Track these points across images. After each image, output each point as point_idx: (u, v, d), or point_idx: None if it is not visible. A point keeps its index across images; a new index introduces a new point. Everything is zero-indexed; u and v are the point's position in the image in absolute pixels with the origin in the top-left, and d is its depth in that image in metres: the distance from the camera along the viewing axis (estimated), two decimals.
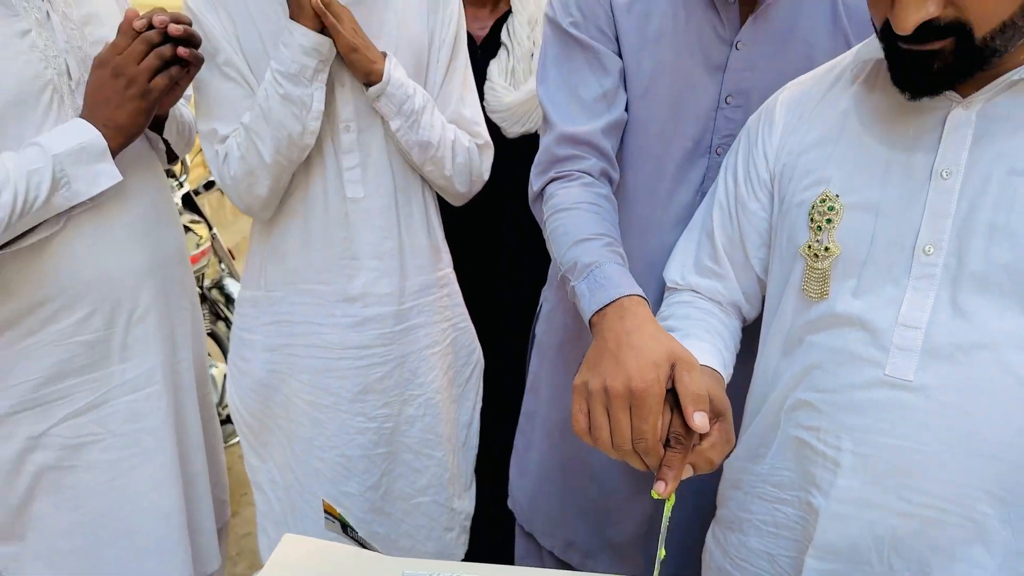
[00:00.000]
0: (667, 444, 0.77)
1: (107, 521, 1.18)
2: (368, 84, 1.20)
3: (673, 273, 1.04)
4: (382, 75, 1.19)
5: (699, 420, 0.76)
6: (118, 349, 1.16)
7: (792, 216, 0.88)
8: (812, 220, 0.85)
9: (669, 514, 0.78)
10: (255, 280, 1.34)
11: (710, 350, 0.91)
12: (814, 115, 0.88)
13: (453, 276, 1.44)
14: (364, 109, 1.24)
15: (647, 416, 0.76)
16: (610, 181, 1.06)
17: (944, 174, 0.78)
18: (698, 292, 1.01)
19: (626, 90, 1.06)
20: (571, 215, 1.00)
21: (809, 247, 0.85)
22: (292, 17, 1.14)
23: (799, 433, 0.87)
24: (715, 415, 0.81)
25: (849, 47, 0.98)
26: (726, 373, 0.92)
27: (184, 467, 1.26)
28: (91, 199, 1.07)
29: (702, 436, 0.79)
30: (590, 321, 0.88)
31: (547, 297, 1.30)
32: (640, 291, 0.88)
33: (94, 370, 1.14)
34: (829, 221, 0.84)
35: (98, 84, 1.06)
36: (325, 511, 0.84)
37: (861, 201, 0.82)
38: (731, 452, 0.94)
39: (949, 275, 0.78)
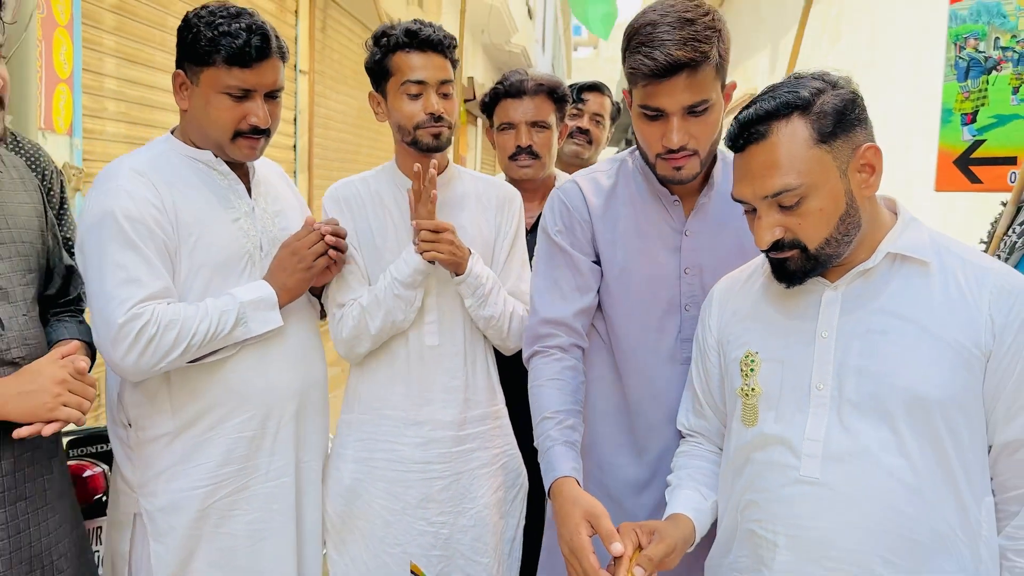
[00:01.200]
0: None
1: None
2: (454, 273, 1.64)
3: (681, 420, 1.39)
4: (466, 269, 1.63)
5: (615, 549, 1.12)
6: (267, 446, 1.56)
7: (731, 369, 1.24)
8: (741, 370, 1.21)
9: None
10: (350, 406, 1.73)
11: (690, 498, 1.26)
12: (738, 299, 1.26)
13: (505, 411, 1.78)
14: (445, 283, 1.67)
15: (582, 558, 1.15)
16: (580, 349, 1.46)
17: (823, 335, 1.14)
18: (697, 432, 1.35)
19: (603, 275, 1.46)
20: (541, 391, 1.40)
21: (742, 389, 1.21)
22: (420, 251, 1.60)
23: (750, 526, 1.18)
24: (648, 533, 1.16)
25: None
26: (699, 510, 1.25)
27: (300, 547, 1.62)
28: (258, 336, 1.51)
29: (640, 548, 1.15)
30: (548, 492, 1.31)
31: None
32: (568, 471, 1.28)
33: (248, 460, 1.54)
34: (752, 371, 1.20)
35: (281, 258, 1.55)
36: (412, 571, 1.17)
37: (772, 356, 1.18)
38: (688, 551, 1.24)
39: (835, 403, 1.12)
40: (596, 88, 2.57)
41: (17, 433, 1.22)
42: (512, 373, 1.89)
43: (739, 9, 9.39)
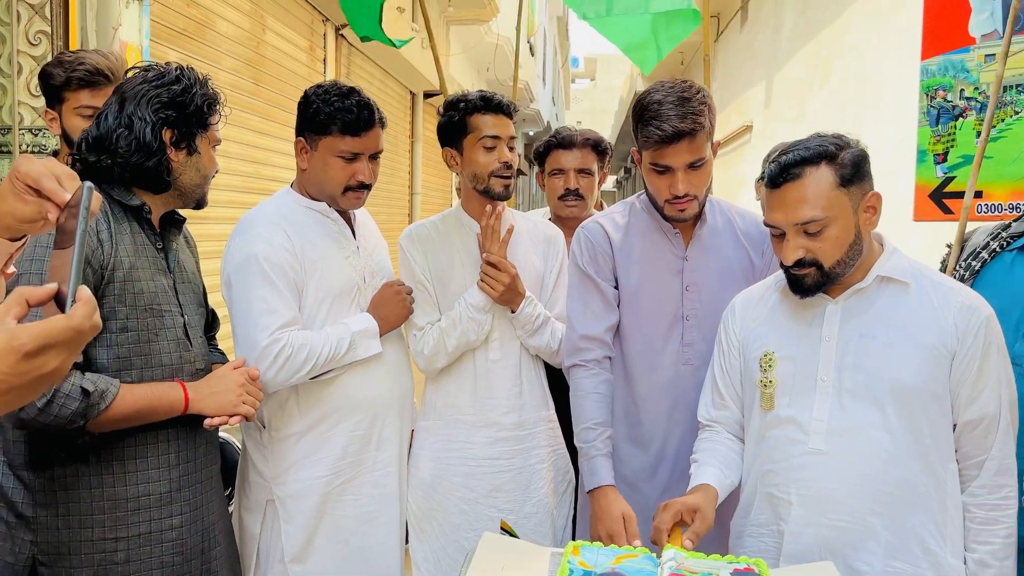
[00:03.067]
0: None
1: (357, 552, 1.88)
2: (511, 310, 1.99)
3: (701, 413, 1.70)
4: (518, 309, 1.97)
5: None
6: (375, 442, 1.90)
7: (751, 365, 1.58)
8: (760, 366, 1.55)
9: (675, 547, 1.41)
10: (426, 414, 2.04)
11: (713, 474, 1.56)
12: (757, 310, 1.60)
13: (555, 416, 2.11)
14: (504, 309, 2.00)
15: (618, 540, 1.52)
16: (609, 359, 1.86)
17: (827, 339, 1.49)
18: (717, 422, 1.67)
19: (620, 296, 1.84)
20: (585, 403, 1.82)
21: (761, 381, 1.55)
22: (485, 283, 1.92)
23: (768, 489, 1.52)
24: (692, 511, 1.46)
25: (749, 256, 1.79)
26: (720, 484, 1.55)
27: (400, 528, 1.97)
28: (364, 358, 1.85)
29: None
30: (589, 491, 1.73)
31: None
32: (609, 480, 1.72)
33: (361, 453, 1.88)
34: (771, 366, 1.54)
35: (384, 295, 1.91)
36: (502, 528, 1.49)
37: (786, 355, 1.52)
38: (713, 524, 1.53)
39: (836, 391, 1.46)
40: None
41: (209, 423, 1.56)
42: (560, 383, 2.23)
43: (732, 47, 9.86)
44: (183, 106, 1.52)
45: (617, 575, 1.22)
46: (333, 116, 1.79)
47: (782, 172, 1.43)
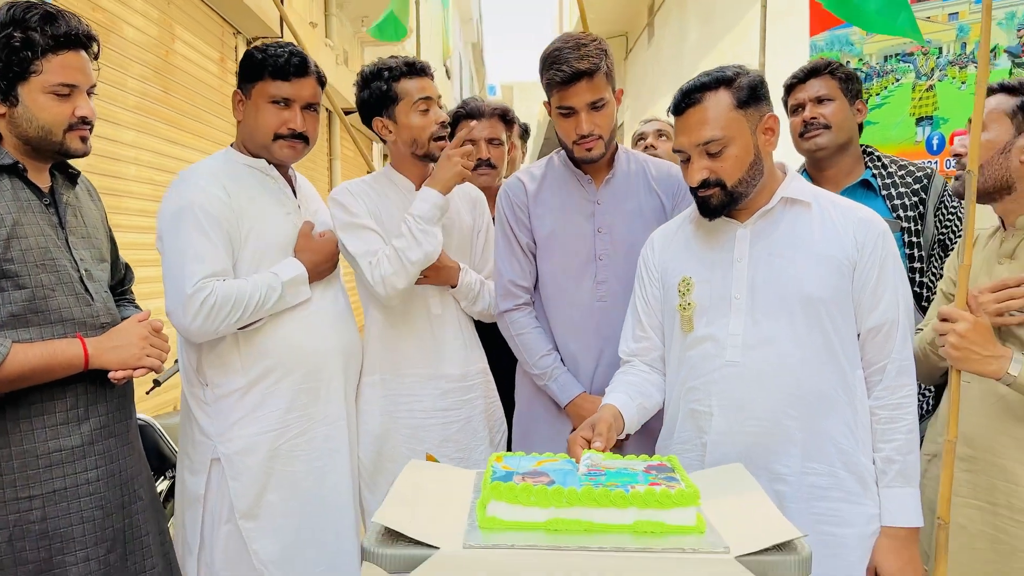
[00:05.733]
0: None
1: (310, 507, 1.84)
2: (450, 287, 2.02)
3: (622, 348, 1.75)
4: (457, 283, 2.01)
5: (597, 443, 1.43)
6: (323, 396, 1.87)
7: (670, 292, 1.64)
8: (679, 291, 1.61)
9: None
10: (371, 369, 2.01)
11: (618, 397, 1.60)
12: (673, 242, 1.66)
13: (489, 369, 2.13)
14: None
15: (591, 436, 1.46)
16: (532, 297, 1.99)
17: (739, 260, 1.56)
18: (635, 355, 1.72)
19: (535, 242, 1.94)
20: (531, 337, 1.95)
21: (680, 306, 1.61)
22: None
23: (691, 406, 1.57)
24: (592, 425, 1.47)
25: (661, 200, 1.89)
26: (625, 405, 1.58)
27: (352, 481, 1.94)
28: (293, 305, 1.83)
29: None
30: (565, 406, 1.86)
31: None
32: (581, 388, 1.87)
33: (308, 408, 1.85)
34: (688, 290, 1.60)
35: (313, 247, 1.88)
36: (427, 459, 1.50)
37: (703, 279, 1.58)
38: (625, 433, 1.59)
39: (749, 308, 1.53)
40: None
41: (112, 376, 1.51)
42: (490, 340, 2.25)
43: (642, 62, 10.26)
44: None
45: (539, 472, 1.25)
46: (264, 61, 1.81)
47: (684, 97, 1.52)
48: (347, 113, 8.54)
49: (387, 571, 1.08)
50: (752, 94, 1.51)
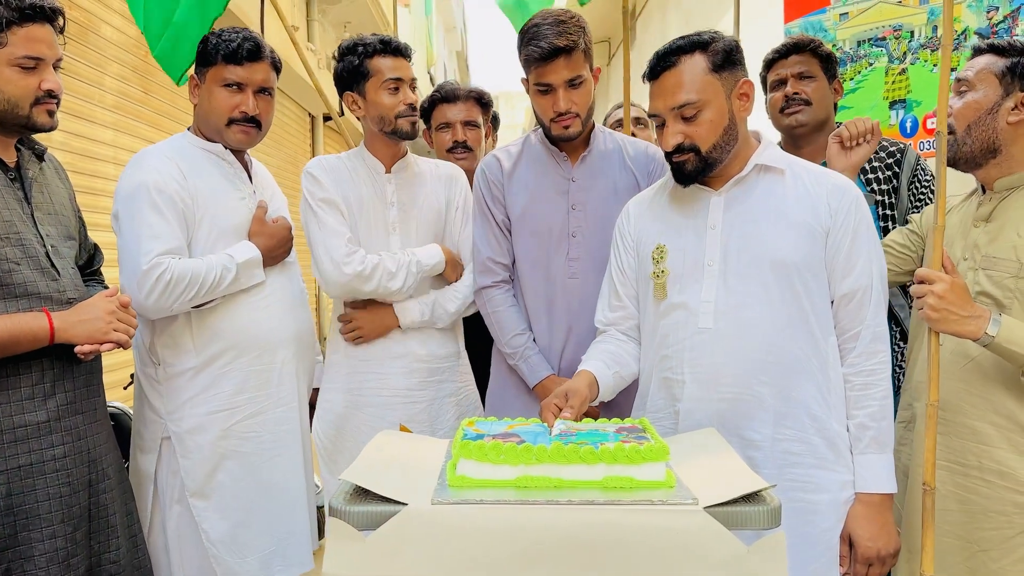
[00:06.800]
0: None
1: (261, 488, 1.82)
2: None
3: (598, 317, 1.74)
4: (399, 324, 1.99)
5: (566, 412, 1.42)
6: (275, 379, 1.86)
7: (644, 261, 1.64)
8: (653, 259, 1.61)
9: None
10: (335, 348, 2.01)
11: (595, 364, 1.59)
12: (648, 211, 1.66)
13: (465, 353, 2.13)
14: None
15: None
16: (510, 274, 1.99)
17: (712, 227, 1.56)
18: (612, 324, 1.71)
19: (509, 214, 1.94)
20: (506, 314, 1.95)
21: (654, 273, 1.61)
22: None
23: (664, 374, 1.57)
24: (564, 394, 1.46)
25: (635, 179, 1.89)
26: (600, 372, 1.58)
27: (304, 464, 1.92)
28: (247, 287, 1.83)
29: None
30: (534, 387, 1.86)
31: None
32: (549, 370, 1.88)
33: (260, 390, 1.84)
34: (662, 258, 1.60)
35: (267, 231, 1.87)
36: (400, 429, 1.49)
37: (676, 246, 1.58)
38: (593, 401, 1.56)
39: (722, 274, 1.53)
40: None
41: (79, 350, 1.49)
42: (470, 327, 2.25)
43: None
44: None
45: (510, 434, 1.24)
46: (218, 46, 1.82)
47: (659, 61, 1.51)
48: (327, 119, 8.56)
49: (355, 528, 1.07)
50: (727, 58, 1.51)
